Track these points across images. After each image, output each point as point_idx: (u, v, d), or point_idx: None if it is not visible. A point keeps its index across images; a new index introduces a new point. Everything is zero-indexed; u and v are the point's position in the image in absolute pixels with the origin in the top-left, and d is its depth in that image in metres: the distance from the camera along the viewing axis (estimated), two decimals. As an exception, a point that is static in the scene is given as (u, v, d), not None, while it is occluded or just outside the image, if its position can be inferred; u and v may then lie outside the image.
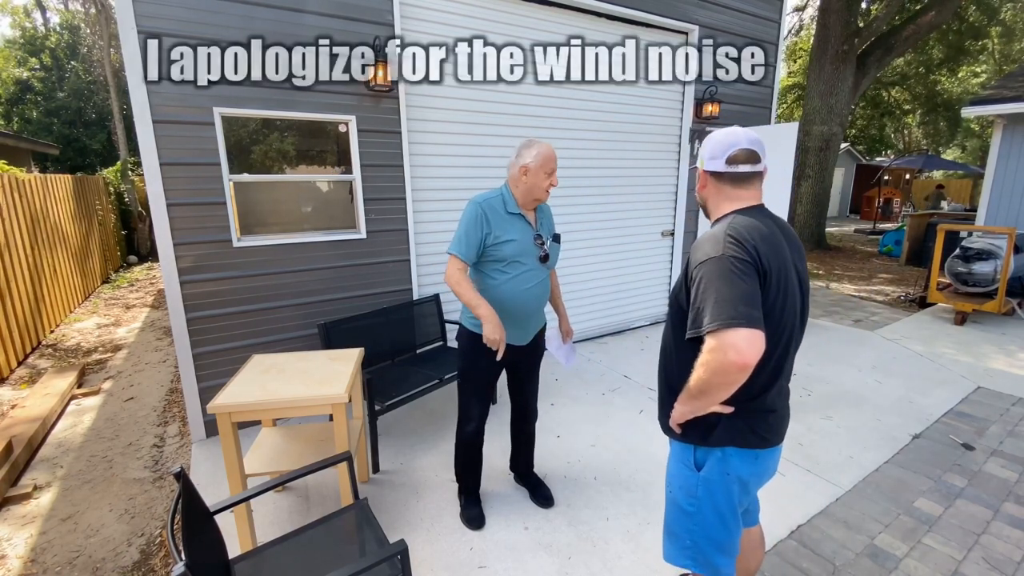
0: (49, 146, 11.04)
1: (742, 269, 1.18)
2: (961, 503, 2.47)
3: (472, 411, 2.27)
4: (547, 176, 2.06)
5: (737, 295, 1.14)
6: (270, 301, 3.20)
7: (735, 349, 1.10)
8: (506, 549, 2.17)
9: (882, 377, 3.96)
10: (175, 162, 2.81)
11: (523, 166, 2.05)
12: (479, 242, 2.02)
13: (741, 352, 1.10)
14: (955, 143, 21.56)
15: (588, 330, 4.88)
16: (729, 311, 1.12)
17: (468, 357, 2.21)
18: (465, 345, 2.21)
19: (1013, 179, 6.53)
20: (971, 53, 13.90)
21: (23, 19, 17.14)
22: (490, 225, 2.03)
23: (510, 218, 2.07)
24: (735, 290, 1.15)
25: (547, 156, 2.04)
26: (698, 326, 1.18)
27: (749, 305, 1.14)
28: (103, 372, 4.54)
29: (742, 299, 1.14)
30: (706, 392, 1.21)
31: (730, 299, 1.13)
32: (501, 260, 2.06)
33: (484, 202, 2.05)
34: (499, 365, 2.20)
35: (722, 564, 1.41)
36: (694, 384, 1.23)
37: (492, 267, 2.08)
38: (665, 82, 4.76)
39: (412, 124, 3.53)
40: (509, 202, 2.08)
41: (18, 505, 2.67)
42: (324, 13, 3.06)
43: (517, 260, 2.06)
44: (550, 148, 2.07)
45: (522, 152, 2.07)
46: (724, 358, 1.12)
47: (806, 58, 15.85)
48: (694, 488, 1.39)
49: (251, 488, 1.71)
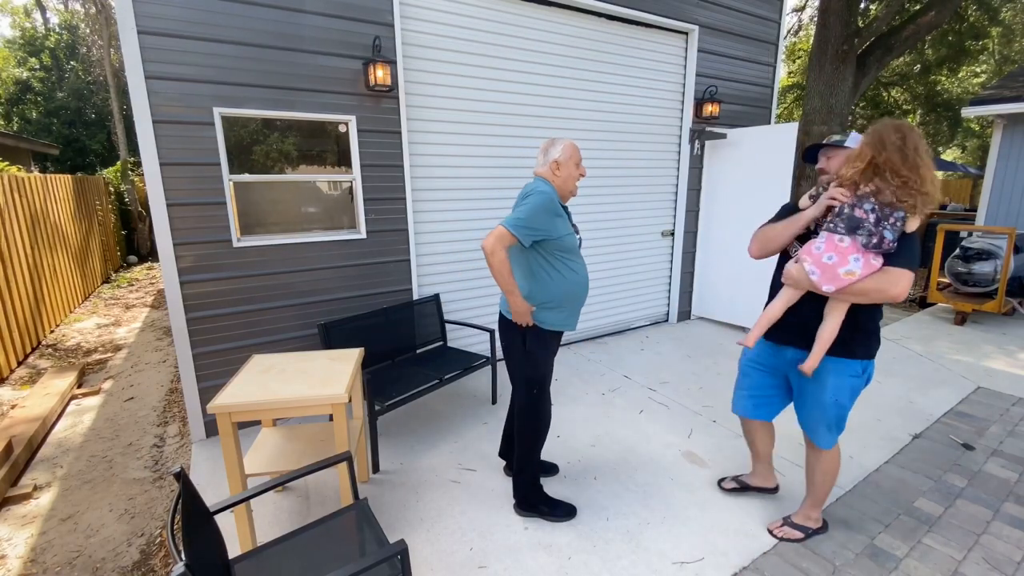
0: (49, 146, 11.04)
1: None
2: (961, 503, 2.47)
3: (548, 408, 2.30)
4: (577, 167, 2.17)
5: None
6: (270, 301, 3.20)
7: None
8: (506, 549, 2.17)
9: (882, 377, 3.95)
10: (175, 162, 2.81)
11: (554, 161, 2.13)
12: (540, 230, 2.01)
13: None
14: (955, 143, 21.56)
15: (588, 330, 4.88)
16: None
17: (541, 354, 2.20)
18: (536, 342, 2.18)
19: (1013, 179, 6.53)
20: (971, 53, 13.88)
21: (23, 19, 17.14)
22: (559, 217, 2.07)
23: (563, 210, 2.15)
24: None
25: (574, 148, 2.16)
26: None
27: None
28: (103, 372, 4.54)
29: None
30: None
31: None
32: (569, 251, 2.12)
33: (552, 192, 2.09)
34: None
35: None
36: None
37: (566, 258, 2.13)
38: (665, 82, 4.76)
39: (412, 124, 3.53)
40: (556, 196, 2.13)
41: (18, 505, 2.67)
42: (324, 13, 3.06)
43: (576, 249, 2.16)
44: (572, 142, 2.18)
45: (548, 151, 2.15)
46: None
47: (806, 58, 15.85)
48: (859, 389, 1.96)
49: (251, 488, 1.71)
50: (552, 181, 2.14)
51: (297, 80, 3.05)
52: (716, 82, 4.86)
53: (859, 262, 1.69)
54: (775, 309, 1.95)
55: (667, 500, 2.48)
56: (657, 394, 3.66)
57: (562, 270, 2.12)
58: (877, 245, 1.69)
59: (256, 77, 2.94)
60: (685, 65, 4.81)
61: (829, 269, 1.72)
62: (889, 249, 1.70)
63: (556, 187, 2.14)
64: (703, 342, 4.79)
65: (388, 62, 3.22)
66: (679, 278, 5.31)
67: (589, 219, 4.60)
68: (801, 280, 1.82)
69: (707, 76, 4.84)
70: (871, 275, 1.70)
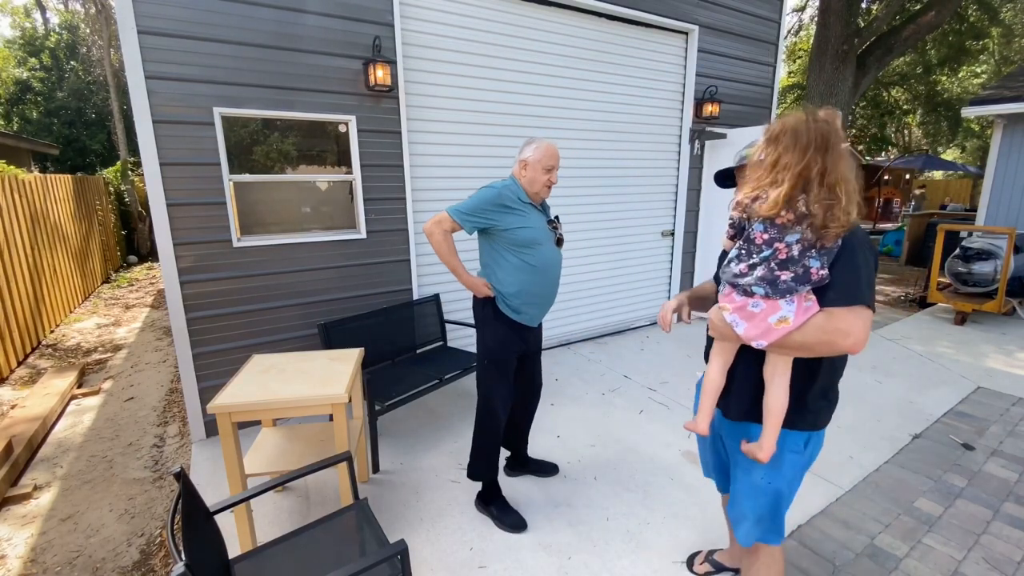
0: (49, 146, 11.04)
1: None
2: (961, 503, 2.47)
3: (501, 399, 2.27)
4: (545, 172, 2.15)
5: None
6: (270, 301, 3.20)
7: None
8: (506, 549, 2.17)
9: (882, 377, 3.96)
10: (175, 162, 2.81)
11: (522, 160, 2.17)
12: (482, 219, 2.10)
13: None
14: (955, 143, 21.55)
15: (588, 330, 4.88)
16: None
17: (498, 340, 2.22)
18: (495, 328, 2.22)
19: (1013, 179, 6.52)
20: (971, 53, 13.89)
21: (23, 19, 17.14)
22: (509, 210, 2.10)
23: (524, 206, 2.15)
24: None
25: (545, 153, 2.13)
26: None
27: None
28: (103, 372, 4.54)
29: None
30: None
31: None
32: (520, 244, 2.14)
33: (503, 188, 2.13)
34: (521, 348, 2.28)
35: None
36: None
37: (513, 250, 2.15)
38: (665, 82, 4.76)
39: (412, 124, 3.53)
40: (520, 192, 2.16)
41: (18, 505, 2.67)
42: (324, 13, 3.06)
43: (536, 244, 2.15)
44: (551, 147, 2.16)
45: (524, 148, 2.18)
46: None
47: (806, 58, 15.84)
48: (801, 469, 1.45)
49: (251, 488, 1.71)
50: (519, 179, 2.18)
51: (297, 80, 3.05)
52: (716, 82, 4.86)
53: (792, 305, 1.24)
54: (713, 375, 1.50)
55: (667, 500, 2.48)
56: (657, 394, 3.66)
57: (515, 263, 2.16)
58: (803, 281, 1.22)
59: (256, 77, 2.94)
60: (685, 65, 4.80)
61: (756, 319, 1.28)
62: (821, 281, 1.21)
63: (523, 186, 2.17)
64: (703, 342, 4.78)
65: (388, 62, 3.23)
66: (679, 278, 5.31)
67: (589, 219, 4.60)
68: (727, 332, 1.37)
69: (707, 76, 4.84)
70: (809, 322, 1.22)
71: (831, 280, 1.21)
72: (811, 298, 1.24)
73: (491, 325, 2.23)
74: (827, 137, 1.19)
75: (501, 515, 2.32)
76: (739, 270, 1.31)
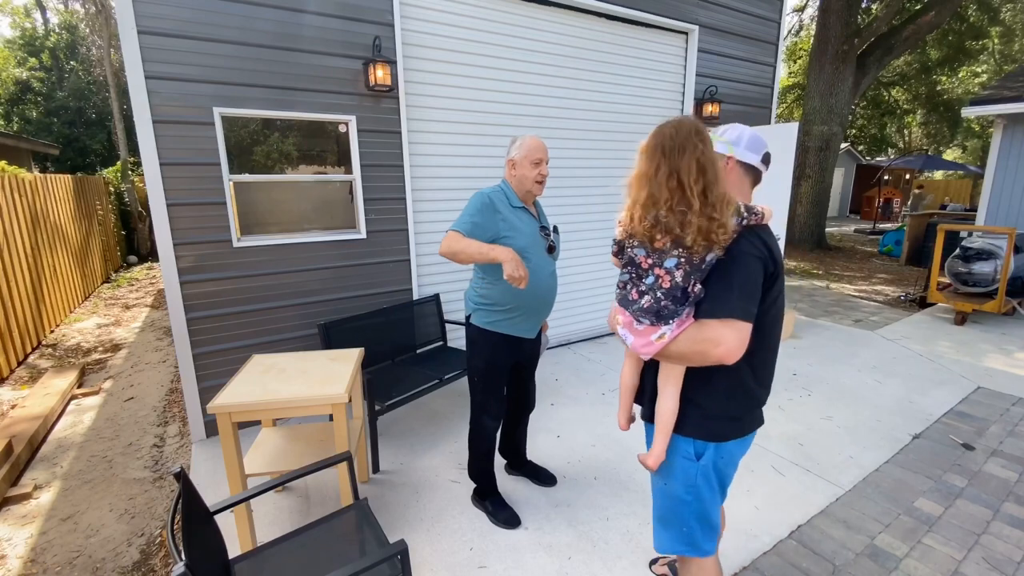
0: (49, 146, 11.03)
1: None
2: (961, 503, 2.47)
3: (492, 409, 2.27)
4: (534, 166, 2.07)
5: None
6: (270, 301, 3.20)
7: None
8: (506, 549, 2.17)
9: (882, 377, 3.96)
10: (175, 162, 2.81)
11: (509, 160, 2.11)
12: (487, 226, 2.00)
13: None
14: (955, 143, 21.57)
15: (587, 330, 4.88)
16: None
17: (484, 354, 2.19)
18: (481, 343, 2.19)
19: (1013, 179, 6.52)
20: (971, 53, 13.90)
21: (23, 19, 17.15)
22: (499, 215, 2.03)
23: (515, 211, 2.09)
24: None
25: (531, 147, 2.06)
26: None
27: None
28: (103, 372, 4.54)
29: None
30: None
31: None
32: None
33: (491, 193, 2.07)
34: (514, 359, 2.25)
35: (711, 542, 1.47)
36: None
37: None
38: (665, 82, 4.76)
39: (412, 124, 3.53)
40: (511, 196, 2.11)
41: (18, 505, 2.67)
42: (324, 13, 3.06)
43: (526, 253, 2.05)
44: (535, 139, 2.08)
45: (509, 148, 2.13)
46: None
47: (806, 58, 15.85)
48: (694, 477, 1.39)
49: (251, 488, 1.71)
50: (509, 180, 2.13)
51: (297, 80, 3.05)
52: (716, 82, 4.86)
53: (672, 323, 1.26)
54: (624, 375, 1.57)
55: (667, 500, 2.48)
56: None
57: (501, 272, 1.98)
58: (682, 302, 1.24)
59: (256, 77, 2.94)
60: (685, 65, 4.80)
61: (641, 335, 1.31)
62: (698, 296, 1.22)
63: (513, 187, 2.11)
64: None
65: (388, 62, 3.23)
66: (679, 278, 5.30)
67: (589, 219, 4.59)
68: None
69: (707, 76, 4.84)
70: (683, 333, 1.24)
71: (705, 292, 1.22)
72: (689, 311, 1.26)
73: (478, 344, 2.20)
74: (676, 139, 1.21)
75: (496, 510, 2.34)
76: (631, 296, 1.34)
